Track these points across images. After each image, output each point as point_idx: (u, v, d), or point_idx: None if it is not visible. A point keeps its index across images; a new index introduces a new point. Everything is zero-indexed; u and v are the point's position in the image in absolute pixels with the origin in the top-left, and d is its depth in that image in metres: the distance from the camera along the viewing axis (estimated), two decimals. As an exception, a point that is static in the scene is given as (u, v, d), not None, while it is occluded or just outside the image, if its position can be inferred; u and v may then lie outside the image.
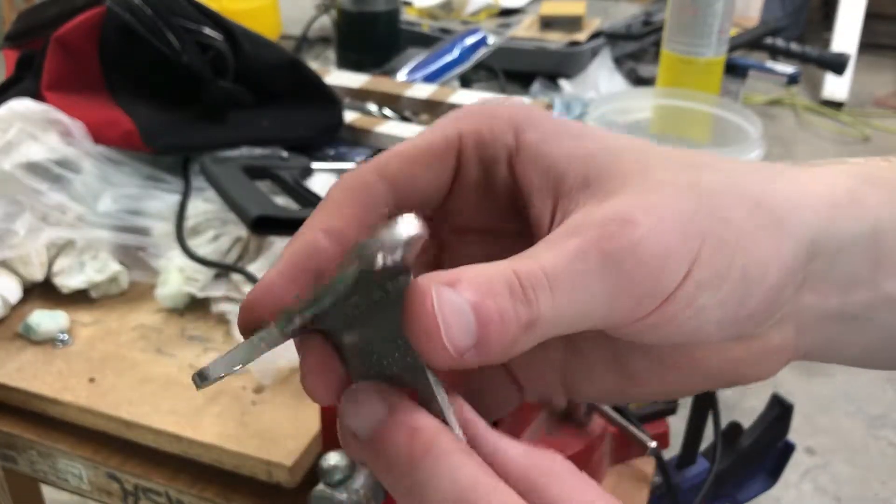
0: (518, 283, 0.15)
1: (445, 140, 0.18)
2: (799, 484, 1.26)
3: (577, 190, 0.17)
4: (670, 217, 0.16)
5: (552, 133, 0.18)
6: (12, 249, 0.48)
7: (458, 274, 0.15)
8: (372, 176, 0.17)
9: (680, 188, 0.16)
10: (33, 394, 0.43)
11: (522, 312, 0.15)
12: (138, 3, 0.54)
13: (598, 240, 0.15)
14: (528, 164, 0.17)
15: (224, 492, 0.41)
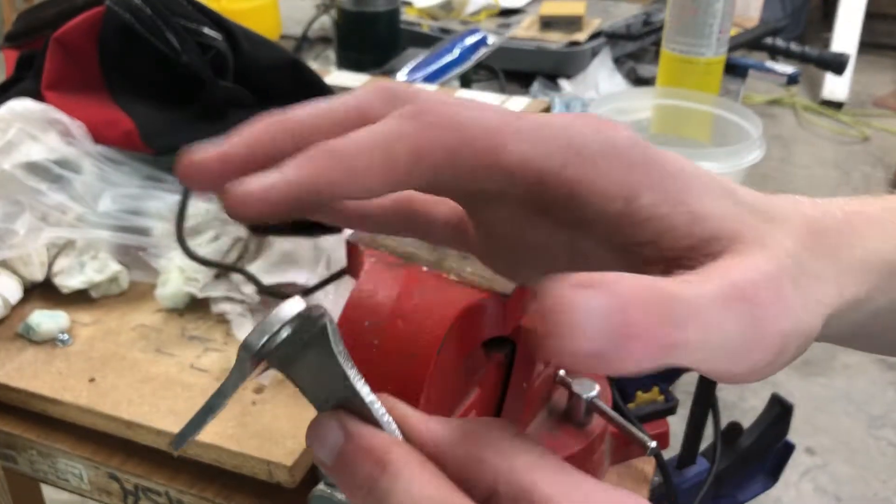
0: (672, 305, 0.14)
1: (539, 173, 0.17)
2: (799, 484, 1.26)
3: (700, 244, 0.17)
4: (790, 298, 0.16)
5: (673, 193, 0.17)
6: (12, 249, 0.48)
7: (600, 278, 0.14)
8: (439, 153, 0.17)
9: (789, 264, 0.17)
10: (33, 394, 0.43)
11: (670, 335, 0.14)
12: (138, 2, 0.54)
13: (748, 296, 0.15)
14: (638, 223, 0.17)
15: (224, 491, 0.41)
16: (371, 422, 0.16)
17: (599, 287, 0.13)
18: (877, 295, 0.19)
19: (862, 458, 1.30)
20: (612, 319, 0.13)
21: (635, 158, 0.17)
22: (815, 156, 2.27)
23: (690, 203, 0.17)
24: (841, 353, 1.54)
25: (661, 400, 0.44)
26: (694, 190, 0.17)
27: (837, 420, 1.38)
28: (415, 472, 0.15)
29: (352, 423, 0.16)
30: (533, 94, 0.79)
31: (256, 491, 0.40)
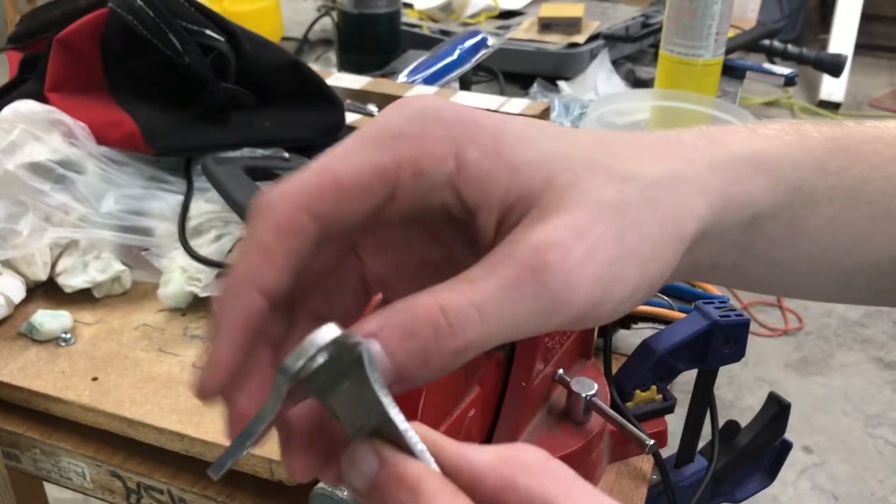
0: (444, 319, 0.16)
1: (381, 171, 0.17)
2: (796, 482, 1.27)
3: (518, 202, 0.18)
4: (600, 243, 0.17)
5: (493, 148, 0.18)
6: (16, 249, 0.49)
7: (384, 320, 0.16)
8: (304, 217, 0.17)
9: (607, 209, 0.18)
10: (36, 392, 0.44)
11: (447, 346, 0.16)
12: (140, 4, 0.55)
13: (534, 268, 0.16)
14: (471, 184, 0.18)
15: (226, 489, 0.41)
16: (405, 450, 0.16)
17: (379, 333, 0.16)
18: (759, 193, 0.20)
19: (859, 456, 1.31)
20: (384, 363, 0.16)
21: (450, 118, 0.18)
22: (812, 157, 2.27)
23: (507, 155, 0.18)
24: (838, 351, 1.55)
25: (659, 399, 0.44)
26: (509, 140, 0.18)
27: (835, 419, 1.38)
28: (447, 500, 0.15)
29: (386, 451, 0.16)
30: (532, 96, 0.79)
31: (258, 489, 0.41)
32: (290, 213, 0.17)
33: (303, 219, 0.17)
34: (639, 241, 0.18)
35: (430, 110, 0.18)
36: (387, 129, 0.18)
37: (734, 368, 1.45)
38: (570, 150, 0.18)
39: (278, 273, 0.17)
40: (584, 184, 0.18)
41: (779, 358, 1.53)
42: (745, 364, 1.49)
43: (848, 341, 1.57)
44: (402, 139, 0.17)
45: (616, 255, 0.17)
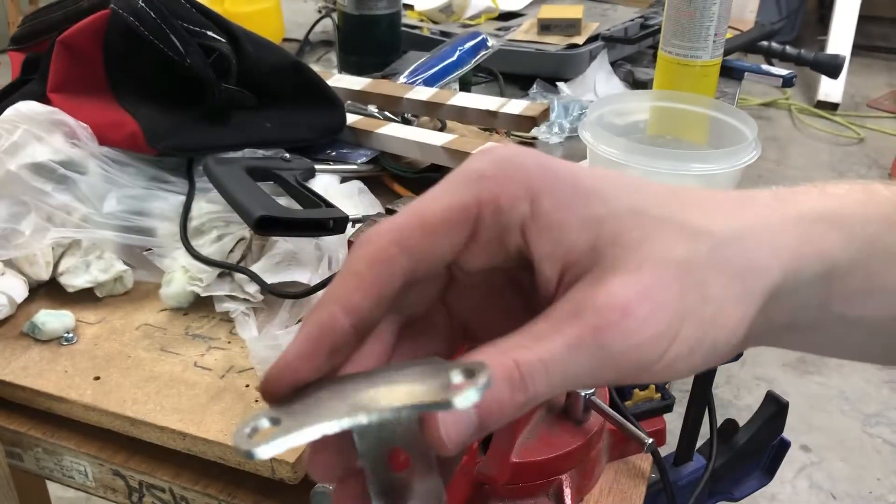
0: (518, 374, 0.17)
1: (465, 209, 0.19)
2: (794, 481, 1.27)
3: (584, 257, 0.18)
4: (662, 302, 0.18)
5: (565, 200, 0.19)
6: (18, 249, 0.49)
7: None
8: (394, 249, 0.18)
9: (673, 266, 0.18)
10: (39, 392, 0.44)
11: (519, 398, 0.17)
12: (142, 6, 0.55)
13: (595, 329, 0.17)
14: (541, 233, 0.19)
15: (228, 488, 0.41)
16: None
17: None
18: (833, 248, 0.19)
19: (857, 455, 1.31)
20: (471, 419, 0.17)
21: (530, 165, 0.19)
22: (810, 157, 2.28)
23: (579, 208, 0.18)
24: (836, 353, 1.55)
25: (658, 398, 0.45)
26: (582, 194, 0.19)
27: (833, 418, 1.39)
28: None
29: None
30: (532, 97, 0.80)
31: (259, 487, 0.41)
32: (381, 245, 0.18)
33: (392, 250, 0.18)
34: (700, 301, 0.18)
35: (512, 156, 0.19)
36: (471, 171, 0.19)
37: (732, 367, 1.46)
38: (640, 204, 0.19)
39: (362, 295, 0.18)
40: (652, 241, 0.18)
41: (777, 357, 1.53)
42: (744, 363, 1.49)
43: (846, 341, 1.57)
44: (484, 180, 0.19)
45: (677, 313, 0.18)
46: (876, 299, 0.20)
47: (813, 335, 0.21)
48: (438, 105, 0.66)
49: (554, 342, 0.17)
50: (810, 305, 0.20)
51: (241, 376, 0.45)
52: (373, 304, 0.18)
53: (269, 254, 0.50)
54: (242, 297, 0.49)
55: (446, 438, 0.17)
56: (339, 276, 0.19)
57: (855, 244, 0.20)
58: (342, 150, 0.63)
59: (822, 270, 0.20)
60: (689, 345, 0.18)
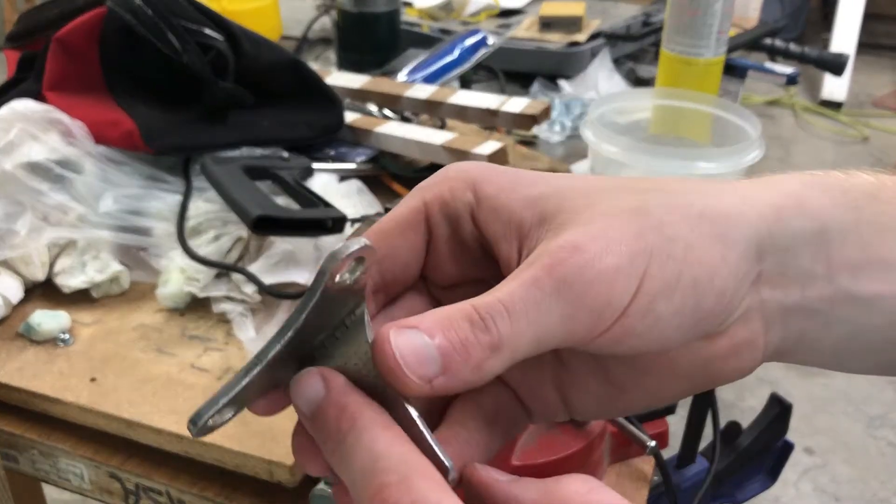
0: (476, 314, 0.17)
1: (413, 210, 0.20)
2: (798, 483, 1.27)
3: (535, 228, 0.19)
4: (616, 240, 0.17)
5: (507, 184, 0.20)
6: (14, 249, 0.49)
7: (419, 318, 0.17)
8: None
9: (625, 213, 0.18)
10: (34, 393, 0.44)
11: (483, 338, 0.17)
12: (139, 3, 0.54)
13: (550, 266, 0.17)
14: (489, 215, 0.20)
15: (225, 491, 0.41)
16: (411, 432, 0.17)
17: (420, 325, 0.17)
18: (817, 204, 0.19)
19: (861, 458, 1.30)
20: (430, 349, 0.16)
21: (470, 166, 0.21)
22: (814, 156, 2.27)
23: (522, 190, 0.19)
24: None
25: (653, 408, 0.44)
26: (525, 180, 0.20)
27: (836, 420, 1.38)
28: (379, 432, 0.17)
29: (335, 380, 0.18)
30: (533, 95, 0.79)
31: (257, 490, 0.41)
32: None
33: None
34: (663, 239, 0.17)
35: (455, 166, 0.21)
36: (418, 186, 0.21)
37: (735, 368, 1.44)
38: (582, 182, 0.19)
39: None
40: (600, 202, 0.18)
41: (780, 358, 1.52)
42: (747, 364, 1.48)
43: (850, 341, 1.56)
44: (429, 187, 0.21)
45: (636, 250, 0.17)
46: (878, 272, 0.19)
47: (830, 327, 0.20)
48: (438, 103, 0.65)
49: (510, 285, 0.17)
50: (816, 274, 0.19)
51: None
52: None
53: (266, 254, 0.50)
54: (240, 297, 0.48)
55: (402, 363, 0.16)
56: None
57: (840, 209, 0.19)
58: (341, 149, 0.62)
59: (812, 228, 0.19)
60: (663, 282, 0.17)
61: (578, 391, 0.20)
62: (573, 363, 0.20)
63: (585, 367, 0.20)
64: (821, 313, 0.19)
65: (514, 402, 0.21)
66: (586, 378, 0.20)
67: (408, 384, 0.16)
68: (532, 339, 0.17)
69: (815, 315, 0.19)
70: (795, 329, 0.20)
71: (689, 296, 0.18)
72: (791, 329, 0.20)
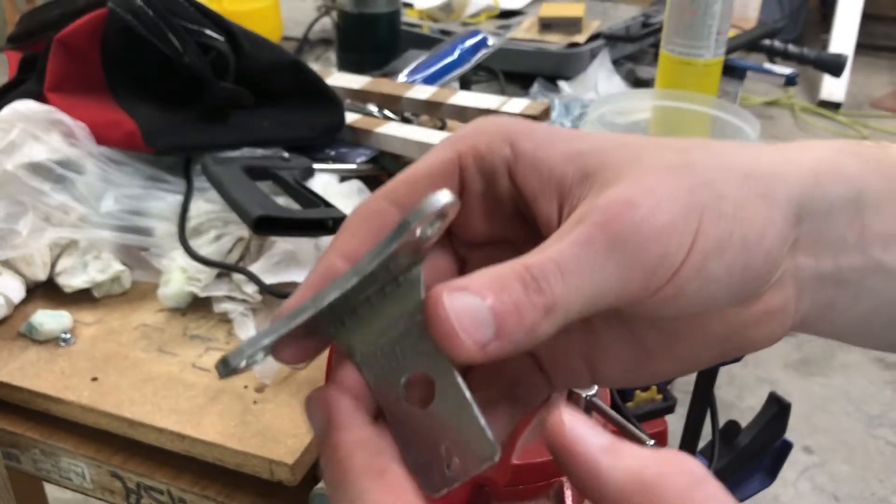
0: (529, 274, 0.16)
1: (445, 161, 0.19)
2: (797, 482, 1.27)
3: (577, 185, 0.18)
4: (668, 195, 0.17)
5: (545, 140, 0.19)
6: (15, 249, 0.49)
7: (470, 279, 0.16)
8: (382, 202, 0.19)
9: (673, 170, 0.17)
10: (36, 393, 0.44)
11: (537, 300, 0.16)
12: (140, 4, 0.55)
13: (603, 223, 0.16)
14: (527, 171, 0.19)
15: (226, 490, 0.41)
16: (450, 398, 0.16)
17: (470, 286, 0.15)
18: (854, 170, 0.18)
19: (860, 457, 1.30)
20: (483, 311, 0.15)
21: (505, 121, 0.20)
22: (813, 157, 2.27)
23: (560, 146, 0.19)
24: (840, 352, 1.55)
25: (660, 399, 0.44)
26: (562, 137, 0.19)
27: (835, 419, 1.38)
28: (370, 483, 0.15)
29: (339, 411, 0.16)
30: (532, 96, 0.79)
31: (258, 489, 0.41)
32: (370, 201, 0.19)
33: (381, 203, 0.19)
34: (714, 196, 0.17)
35: (488, 118, 0.20)
36: (451, 136, 0.20)
37: (734, 368, 1.45)
38: (623, 139, 0.19)
39: (358, 243, 0.18)
40: (644, 159, 0.18)
41: (779, 358, 1.52)
42: (746, 364, 1.49)
43: (848, 341, 1.57)
44: (462, 137, 0.20)
45: (688, 206, 0.17)
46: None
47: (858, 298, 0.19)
48: (438, 104, 0.65)
49: (563, 242, 0.16)
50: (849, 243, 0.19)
51: (239, 377, 0.44)
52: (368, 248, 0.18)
53: (267, 254, 0.50)
54: (241, 297, 0.49)
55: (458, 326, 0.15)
56: (334, 237, 0.19)
57: (875, 177, 0.19)
58: (341, 150, 0.62)
59: (848, 195, 0.18)
60: (716, 240, 0.17)
61: (606, 358, 0.20)
62: (602, 328, 0.19)
63: (615, 333, 0.19)
64: (850, 283, 0.19)
65: (535, 370, 0.20)
66: (615, 344, 0.19)
67: (462, 349, 0.15)
68: (585, 300, 0.16)
69: (844, 285, 0.19)
70: (824, 298, 0.19)
71: (739, 255, 0.17)
72: (820, 298, 0.19)
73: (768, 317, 0.19)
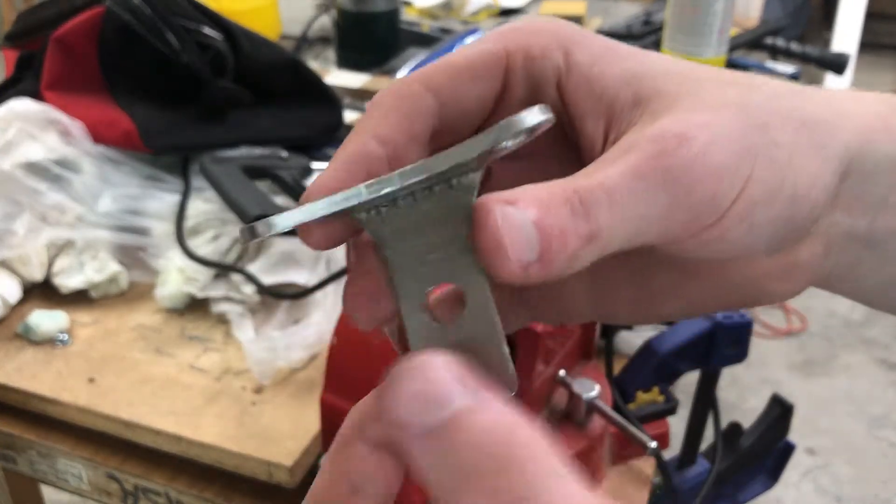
0: (577, 199, 0.15)
1: (492, 56, 0.18)
2: (799, 484, 1.26)
3: (628, 110, 0.17)
4: (724, 134, 0.16)
5: (601, 54, 0.17)
6: (12, 249, 0.48)
7: (518, 193, 0.15)
8: (419, 87, 0.17)
9: (730, 107, 0.16)
10: (33, 394, 0.43)
11: (582, 227, 0.15)
12: (138, 2, 0.54)
13: (656, 155, 0.15)
14: (578, 87, 0.17)
15: (224, 492, 0.41)
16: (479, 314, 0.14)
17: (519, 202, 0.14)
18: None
19: (863, 458, 1.30)
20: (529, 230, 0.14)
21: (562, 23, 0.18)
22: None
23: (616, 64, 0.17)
24: (842, 353, 1.54)
25: (662, 400, 0.44)
26: (619, 53, 0.18)
27: (838, 420, 1.37)
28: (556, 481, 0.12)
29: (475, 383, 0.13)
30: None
31: (256, 491, 0.40)
32: (405, 83, 0.18)
33: (417, 87, 0.17)
34: (769, 142, 0.16)
35: (541, 18, 0.19)
36: (501, 28, 0.18)
37: (737, 370, 1.45)
38: (678, 67, 0.17)
39: (392, 128, 0.17)
40: (699, 92, 0.17)
41: (782, 359, 1.52)
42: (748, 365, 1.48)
43: (852, 342, 1.56)
44: (514, 32, 0.18)
45: (743, 149, 0.16)
46: None
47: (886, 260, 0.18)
48: (438, 103, 0.65)
49: (613, 169, 0.15)
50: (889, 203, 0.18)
51: (237, 378, 0.44)
52: (405, 139, 0.17)
53: (265, 254, 0.49)
54: (239, 298, 0.48)
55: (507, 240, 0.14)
56: (364, 116, 0.17)
57: None
58: (341, 149, 0.62)
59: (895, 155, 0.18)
60: (767, 188, 0.16)
61: (613, 295, 0.19)
62: (614, 265, 0.18)
63: (627, 270, 0.19)
64: (880, 245, 0.18)
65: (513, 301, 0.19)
66: (625, 282, 0.19)
67: (506, 266, 0.14)
68: (628, 233, 0.15)
69: (875, 246, 0.18)
70: (852, 257, 0.19)
71: (786, 207, 0.16)
72: (847, 257, 0.19)
73: (790, 270, 0.18)
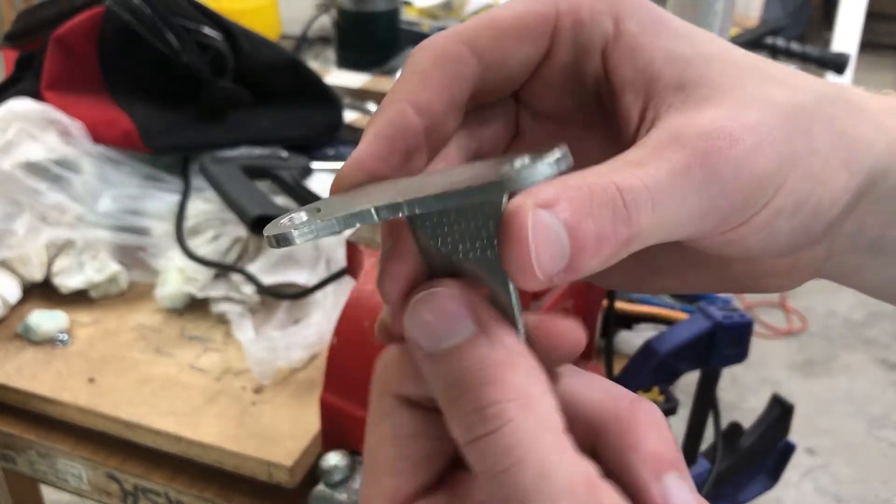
0: (621, 200, 0.14)
1: (541, 16, 0.17)
2: (800, 484, 1.26)
3: (670, 92, 0.16)
4: (770, 139, 0.15)
5: (651, 26, 0.17)
6: (11, 249, 0.48)
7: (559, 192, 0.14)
8: (461, 47, 0.16)
9: (777, 108, 0.16)
10: (32, 394, 0.43)
11: (622, 231, 0.14)
12: (138, 2, 0.54)
13: (705, 154, 0.15)
14: (624, 57, 0.17)
15: (224, 492, 0.41)
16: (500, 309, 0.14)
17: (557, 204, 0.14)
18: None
19: (863, 458, 1.30)
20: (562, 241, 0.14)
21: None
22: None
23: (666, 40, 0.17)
24: (842, 353, 1.54)
25: (662, 400, 0.44)
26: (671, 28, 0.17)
27: (838, 420, 1.37)
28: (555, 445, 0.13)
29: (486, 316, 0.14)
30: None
31: (256, 491, 0.40)
32: (447, 43, 0.17)
33: (460, 48, 0.17)
34: (808, 151, 0.16)
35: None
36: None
37: (737, 370, 1.45)
38: (729, 54, 0.17)
39: (431, 93, 0.16)
40: (747, 86, 0.16)
41: (782, 359, 1.52)
42: (748, 365, 1.48)
43: (852, 342, 1.56)
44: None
45: (783, 156, 0.16)
46: None
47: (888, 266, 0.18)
48: (438, 103, 0.65)
49: (658, 167, 0.14)
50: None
51: (237, 378, 0.44)
52: (444, 106, 0.16)
53: (265, 254, 0.49)
54: (239, 298, 0.48)
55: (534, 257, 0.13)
56: (403, 76, 0.17)
57: None
58: (340, 149, 0.62)
59: None
60: (795, 199, 0.16)
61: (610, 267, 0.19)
62: None
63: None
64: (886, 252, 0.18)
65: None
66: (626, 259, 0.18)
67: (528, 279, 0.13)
68: (661, 234, 0.15)
69: (879, 252, 0.18)
70: (855, 262, 0.19)
71: (808, 217, 0.16)
72: (851, 262, 0.18)
73: (791, 270, 0.18)
